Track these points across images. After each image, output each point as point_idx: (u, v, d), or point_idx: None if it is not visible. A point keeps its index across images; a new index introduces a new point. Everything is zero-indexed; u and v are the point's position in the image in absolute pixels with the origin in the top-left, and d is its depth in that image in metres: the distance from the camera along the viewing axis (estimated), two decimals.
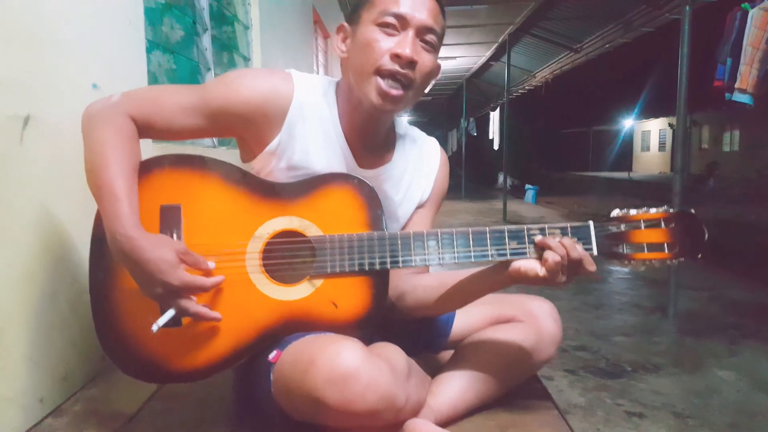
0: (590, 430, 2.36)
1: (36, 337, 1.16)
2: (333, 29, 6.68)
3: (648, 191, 15.54)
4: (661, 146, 31.28)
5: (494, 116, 11.95)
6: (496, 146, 11.77)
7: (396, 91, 1.02)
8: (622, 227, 1.02)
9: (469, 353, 1.15)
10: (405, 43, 1.01)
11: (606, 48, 7.77)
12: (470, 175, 14.36)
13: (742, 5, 3.13)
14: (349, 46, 1.08)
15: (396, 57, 1.00)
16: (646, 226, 1.02)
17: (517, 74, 11.07)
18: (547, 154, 32.36)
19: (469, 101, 14.19)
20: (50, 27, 1.23)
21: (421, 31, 1.03)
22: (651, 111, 30.21)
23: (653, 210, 1.03)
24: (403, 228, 1.21)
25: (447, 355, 1.25)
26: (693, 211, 1.03)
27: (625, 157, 33.66)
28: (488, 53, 11.00)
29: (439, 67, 1.09)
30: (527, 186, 13.21)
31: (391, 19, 1.01)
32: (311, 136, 1.08)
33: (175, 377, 1.01)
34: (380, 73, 1.01)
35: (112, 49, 1.49)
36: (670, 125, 28.45)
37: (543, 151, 30.98)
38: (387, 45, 1.01)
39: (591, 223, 1.03)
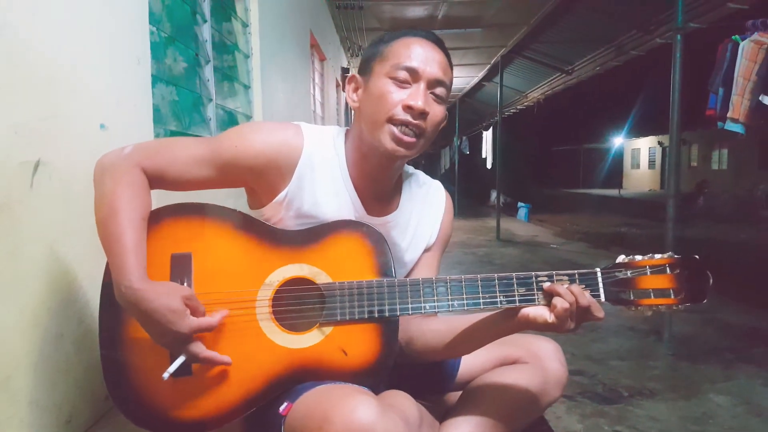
0: None
1: (41, 381, 1.15)
2: (329, 51, 6.77)
3: (639, 209, 15.66)
4: (651, 164, 31.60)
5: (487, 135, 12.04)
6: (489, 165, 11.85)
7: (409, 138, 1.06)
8: (628, 273, 1.04)
9: (476, 397, 1.16)
10: (417, 95, 1.05)
11: (597, 70, 7.89)
12: (463, 193, 14.41)
13: (733, 37, 3.21)
14: (361, 97, 1.11)
15: (408, 108, 1.04)
16: (651, 272, 1.03)
17: (510, 94, 11.19)
18: (538, 171, 32.60)
19: (462, 120, 14.31)
20: (66, 73, 1.24)
21: (432, 84, 1.07)
22: (641, 129, 30.56)
23: (658, 256, 1.05)
24: (410, 272, 1.23)
25: (453, 396, 1.25)
26: (697, 256, 1.04)
27: (616, 174, 33.95)
28: (481, 74, 11.15)
29: (446, 116, 1.12)
30: (520, 204, 13.27)
31: (403, 73, 1.05)
32: (320, 186, 1.11)
33: (184, 428, 1.00)
34: (393, 122, 1.05)
35: (120, 87, 1.50)
36: (660, 143, 28.76)
37: (534, 169, 31.18)
38: (399, 96, 1.05)
39: (598, 270, 1.05)
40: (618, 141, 34.27)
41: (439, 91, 1.08)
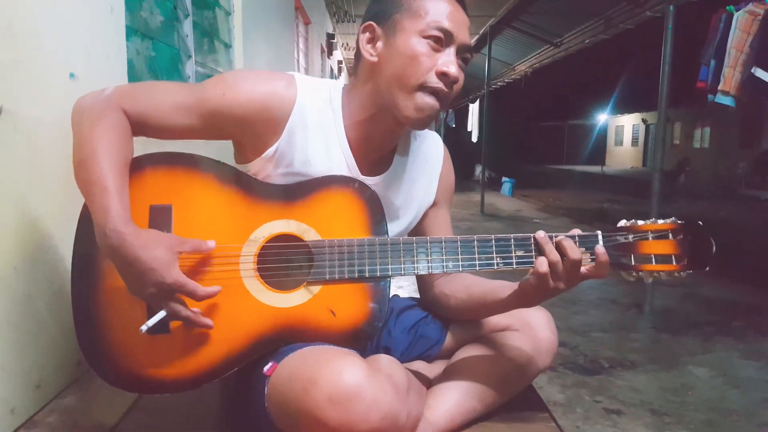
0: (570, 428, 2.38)
1: (8, 344, 1.09)
2: (314, 15, 6.60)
3: (621, 186, 15.82)
4: (634, 141, 31.83)
5: (473, 108, 11.95)
6: (474, 138, 11.78)
7: (437, 105, 0.99)
8: (630, 238, 1.00)
9: (465, 364, 1.13)
10: (451, 61, 0.98)
11: (586, 43, 7.81)
12: None
13: (727, 8, 3.16)
14: (381, 51, 1.01)
15: (443, 75, 0.97)
16: (653, 237, 1.00)
17: (498, 67, 11.08)
18: (523, 147, 32.65)
19: None
20: (28, 17, 1.15)
21: (462, 50, 1.00)
22: (625, 106, 30.71)
23: (661, 221, 1.01)
24: (420, 230, 1.19)
25: (440, 362, 1.22)
26: (701, 222, 1.01)
27: (599, 151, 34.18)
28: None
29: None
30: (504, 179, 13.29)
31: (438, 33, 0.97)
32: (312, 143, 1.04)
33: (161, 387, 0.95)
34: (424, 88, 0.98)
35: (91, 36, 1.41)
36: (644, 120, 28.96)
37: (519, 144, 31.24)
38: (433, 60, 0.98)
39: (599, 233, 1.00)
40: (602, 117, 34.42)
41: (466, 56, 1.02)
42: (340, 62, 12.14)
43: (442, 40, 0.98)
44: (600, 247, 0.97)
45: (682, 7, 3.48)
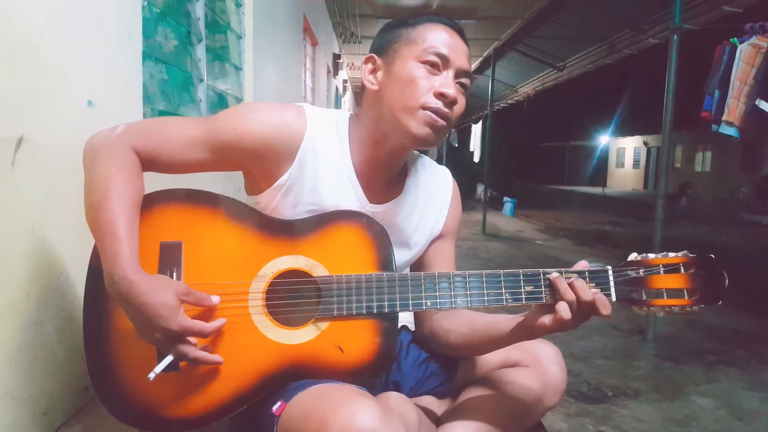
0: None
1: (18, 371, 1.09)
2: (321, 36, 6.67)
3: (622, 207, 15.82)
4: (635, 163, 31.90)
5: (476, 128, 12.01)
6: (476, 158, 11.83)
7: (441, 122, 1.01)
8: (641, 272, 0.99)
9: (475, 401, 1.12)
10: (449, 83, 1.01)
11: (588, 68, 7.88)
12: None
13: (731, 39, 3.19)
14: (382, 80, 1.05)
15: (441, 96, 1.00)
16: (665, 271, 0.99)
17: (501, 88, 11.17)
18: (524, 167, 32.72)
19: None
20: (51, 46, 1.17)
21: (459, 74, 1.03)
22: (626, 129, 30.86)
23: (672, 254, 1.00)
24: (428, 266, 1.19)
25: (450, 397, 1.21)
26: (713, 255, 1.00)
27: (600, 172, 34.23)
28: (473, 66, 11.07)
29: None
30: (505, 198, 13.29)
31: (435, 58, 1.01)
32: (321, 172, 1.05)
33: (171, 425, 0.95)
34: (425, 108, 1.00)
35: (109, 63, 1.43)
36: (645, 143, 29.06)
37: (521, 164, 31.28)
38: (431, 83, 1.01)
39: (610, 268, 0.99)
40: (604, 139, 34.56)
41: (464, 80, 1.05)
42: (345, 81, 12.25)
43: (438, 64, 1.01)
44: (597, 293, 0.95)
45: (685, 35, 3.51)
